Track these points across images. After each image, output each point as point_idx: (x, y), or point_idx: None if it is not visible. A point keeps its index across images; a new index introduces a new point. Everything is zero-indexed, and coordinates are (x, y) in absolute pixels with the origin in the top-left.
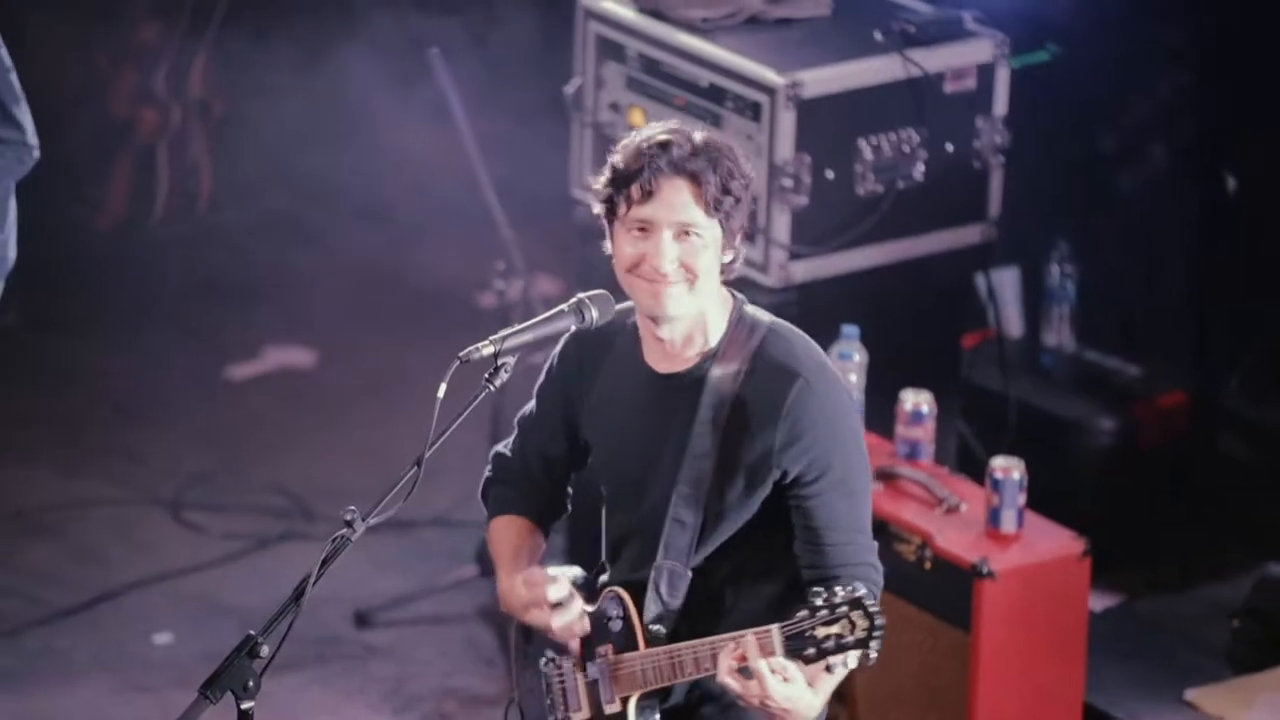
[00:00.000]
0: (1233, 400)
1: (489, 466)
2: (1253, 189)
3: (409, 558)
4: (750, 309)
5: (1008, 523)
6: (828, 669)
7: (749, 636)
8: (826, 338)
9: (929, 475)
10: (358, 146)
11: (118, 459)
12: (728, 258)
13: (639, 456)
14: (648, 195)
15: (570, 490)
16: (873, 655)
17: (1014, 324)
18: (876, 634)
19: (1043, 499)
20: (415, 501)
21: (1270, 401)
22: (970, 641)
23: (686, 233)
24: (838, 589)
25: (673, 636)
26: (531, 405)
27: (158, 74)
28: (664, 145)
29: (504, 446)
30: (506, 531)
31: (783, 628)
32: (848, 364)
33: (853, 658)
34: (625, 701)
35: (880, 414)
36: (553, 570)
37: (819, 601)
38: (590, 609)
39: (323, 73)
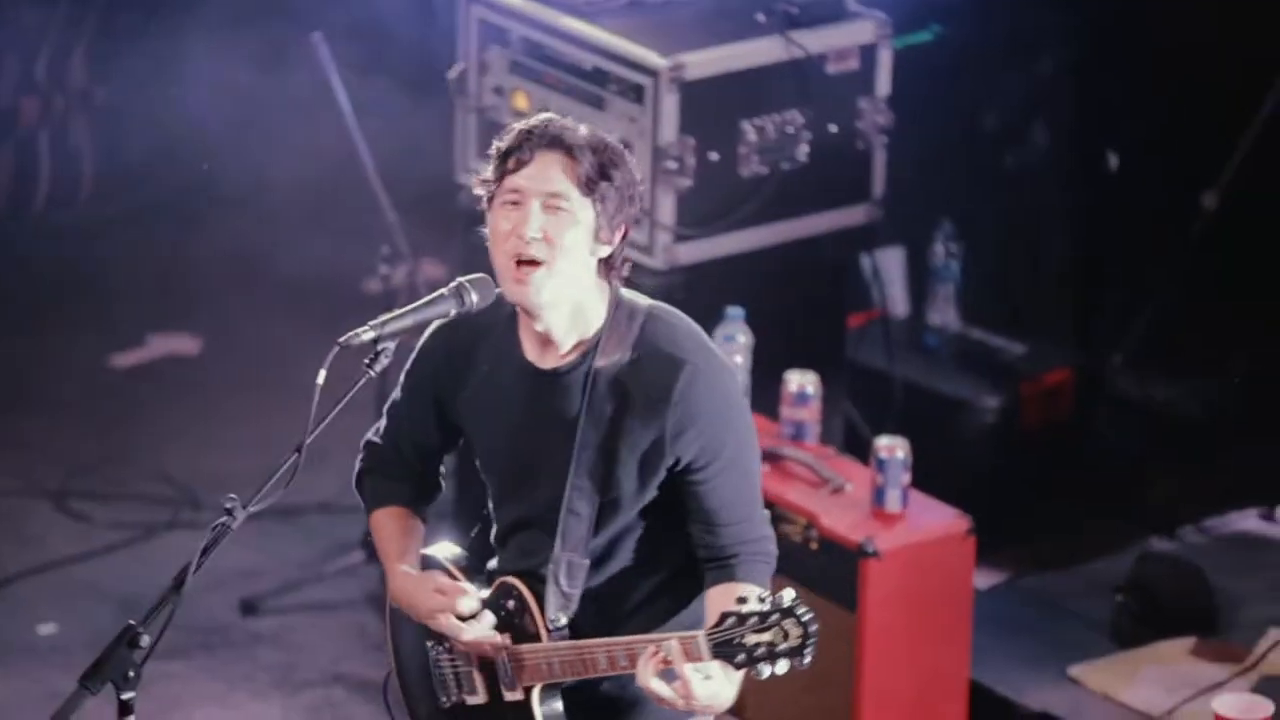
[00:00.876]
0: (1115, 378)
1: (361, 455)
2: (1134, 166)
3: (295, 544)
4: (627, 294)
5: (892, 502)
6: (755, 673)
7: (673, 642)
8: (712, 319)
9: (814, 456)
10: (239, 132)
11: (1, 448)
12: (604, 251)
13: (526, 450)
14: (522, 165)
15: (444, 470)
16: (806, 662)
17: (899, 304)
18: (810, 641)
19: (928, 478)
20: (300, 488)
21: (1152, 379)
22: (856, 621)
23: (556, 206)
24: (767, 595)
25: (572, 625)
26: (399, 394)
27: (38, 62)
28: (546, 122)
29: (374, 434)
30: (389, 526)
31: (710, 634)
32: (733, 345)
33: (784, 665)
34: (529, 690)
35: (766, 395)
36: (432, 550)
37: (747, 609)
38: (483, 595)
39: (202, 58)
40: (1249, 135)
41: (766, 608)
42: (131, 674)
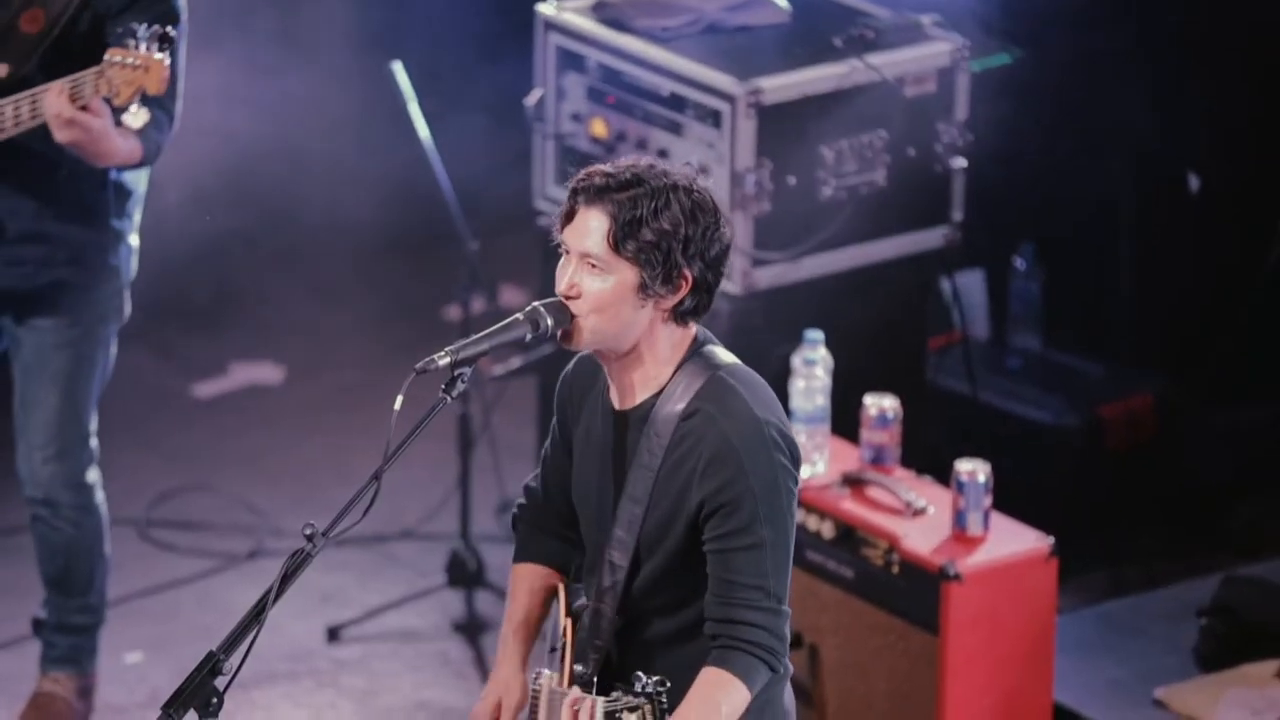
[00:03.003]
0: (1199, 401)
1: (520, 498)
2: (1216, 190)
3: (378, 571)
4: (710, 350)
5: (974, 525)
6: None
7: (573, 700)
8: (791, 343)
9: (895, 479)
10: (320, 161)
11: None
12: (665, 303)
13: (596, 492)
14: (570, 219)
15: None
16: None
17: (980, 326)
18: None
19: (1010, 501)
20: (383, 515)
21: (1235, 402)
22: (939, 644)
23: (591, 264)
24: (652, 678)
25: (602, 677)
26: (549, 438)
27: None
28: (592, 175)
29: (532, 479)
30: (518, 588)
31: (608, 701)
32: (813, 369)
33: None
34: None
35: (846, 419)
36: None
37: (636, 685)
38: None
39: (282, 86)
40: None
41: (639, 688)
42: (214, 701)
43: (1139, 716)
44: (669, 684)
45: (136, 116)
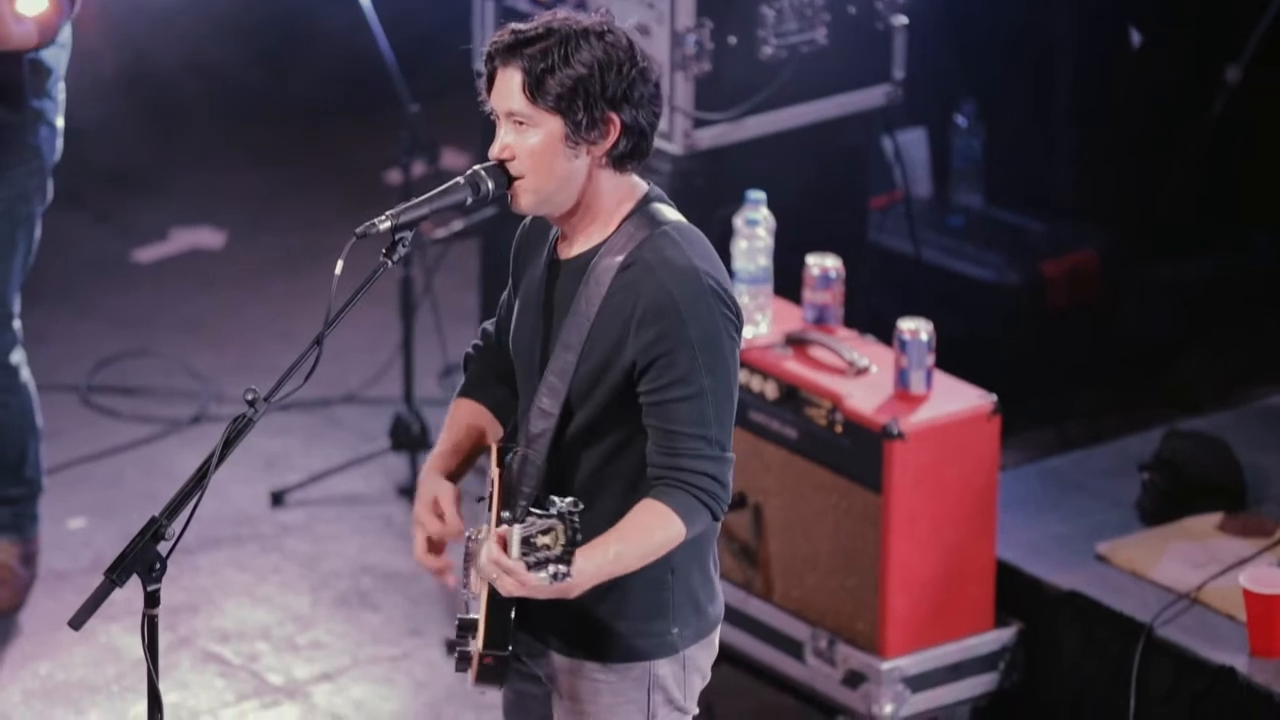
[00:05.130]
0: (1141, 256)
1: (476, 339)
2: (1156, 42)
3: (322, 436)
4: (657, 208)
5: (917, 383)
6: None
7: (496, 534)
8: (733, 204)
9: (838, 339)
10: (259, 24)
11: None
12: (598, 149)
13: (529, 339)
14: (489, 86)
15: None
16: (560, 573)
17: (922, 185)
18: (566, 556)
19: (953, 359)
20: (327, 379)
21: (1178, 257)
22: (882, 503)
23: (519, 121)
24: (565, 500)
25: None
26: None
27: None
28: (502, 35)
29: (490, 322)
30: (458, 418)
31: (523, 527)
32: (755, 229)
33: (559, 569)
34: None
35: (789, 278)
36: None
37: (550, 508)
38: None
39: None
40: (1273, 8)
41: (554, 509)
42: (157, 566)
43: (1081, 571)
44: (582, 505)
45: (33, 4)
